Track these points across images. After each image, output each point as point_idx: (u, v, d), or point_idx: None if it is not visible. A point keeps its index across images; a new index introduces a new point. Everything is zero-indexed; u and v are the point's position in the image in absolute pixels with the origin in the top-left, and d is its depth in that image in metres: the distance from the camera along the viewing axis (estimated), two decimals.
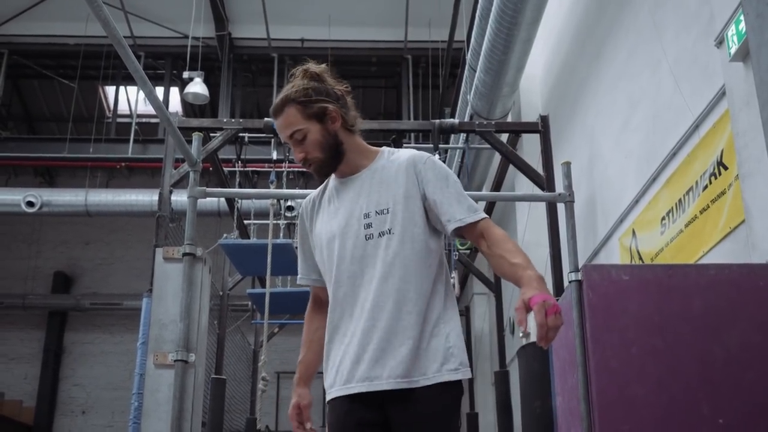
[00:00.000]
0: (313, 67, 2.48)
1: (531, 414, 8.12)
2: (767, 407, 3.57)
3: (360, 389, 2.31)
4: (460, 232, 2.41)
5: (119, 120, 16.87)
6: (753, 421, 3.59)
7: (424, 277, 2.39)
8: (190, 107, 17.05)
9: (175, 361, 3.49)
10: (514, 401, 10.28)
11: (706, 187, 5.60)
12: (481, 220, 2.40)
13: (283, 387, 18.24)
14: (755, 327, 3.76)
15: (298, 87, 2.43)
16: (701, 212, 5.65)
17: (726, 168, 5.28)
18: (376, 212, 2.41)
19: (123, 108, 17.23)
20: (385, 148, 2.58)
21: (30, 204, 14.93)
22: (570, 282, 4.01)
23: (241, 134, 9.68)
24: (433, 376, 2.31)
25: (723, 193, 5.32)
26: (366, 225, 2.40)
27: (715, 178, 5.46)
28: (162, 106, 3.62)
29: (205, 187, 4.01)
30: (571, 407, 4.13)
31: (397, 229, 2.39)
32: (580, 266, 4.55)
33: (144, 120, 17.13)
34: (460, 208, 2.40)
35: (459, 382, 2.35)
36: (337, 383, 2.38)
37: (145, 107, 16.50)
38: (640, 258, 6.90)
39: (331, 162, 2.47)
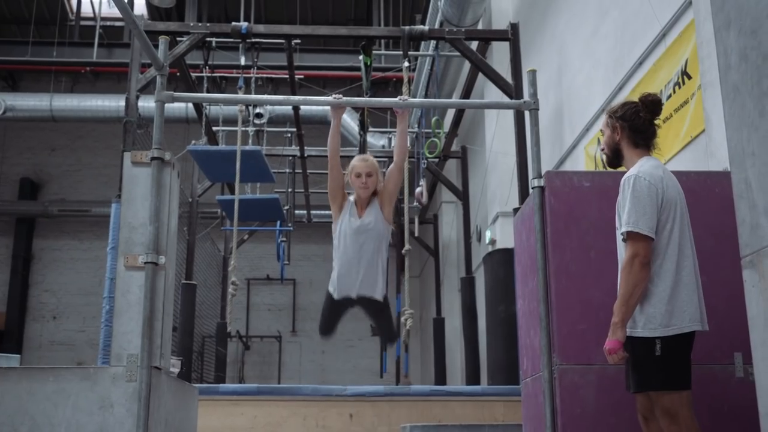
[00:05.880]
0: (646, 99, 3.44)
1: (495, 318, 8.36)
2: (718, 309, 3.72)
3: None
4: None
5: (83, 23, 16.44)
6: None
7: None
8: (155, 10, 16.64)
9: (145, 263, 3.54)
10: (480, 306, 10.54)
11: (669, 96, 5.68)
12: (629, 232, 3.24)
13: (252, 293, 18.45)
14: (709, 232, 3.89)
15: (617, 105, 3.54)
16: (664, 121, 5.73)
17: (690, 77, 5.35)
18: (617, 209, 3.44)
19: (86, 11, 16.78)
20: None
21: None
22: (533, 188, 4.09)
23: (208, 39, 9.54)
24: None
25: (686, 102, 5.40)
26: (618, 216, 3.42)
27: (679, 87, 5.53)
28: (127, 7, 3.57)
29: (173, 92, 4.00)
30: (531, 309, 4.27)
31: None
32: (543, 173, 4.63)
33: (108, 23, 16.72)
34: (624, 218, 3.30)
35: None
36: None
37: (109, 9, 16.11)
38: (605, 166, 7.01)
39: (612, 159, 3.59)
